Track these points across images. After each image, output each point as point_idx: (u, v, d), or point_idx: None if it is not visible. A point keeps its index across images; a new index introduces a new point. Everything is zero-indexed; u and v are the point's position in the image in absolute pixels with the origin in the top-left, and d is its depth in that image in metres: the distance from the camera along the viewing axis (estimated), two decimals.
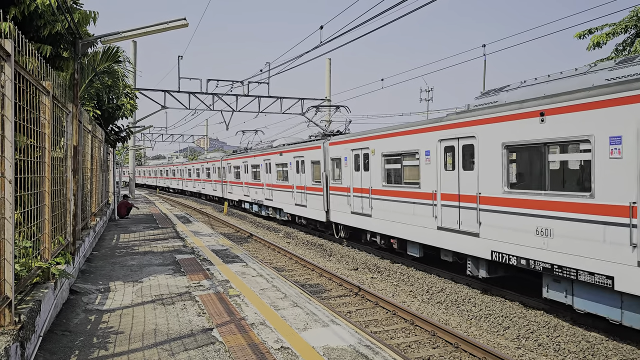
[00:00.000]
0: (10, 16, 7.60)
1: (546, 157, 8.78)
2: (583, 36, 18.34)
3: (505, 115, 9.61)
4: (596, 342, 7.79)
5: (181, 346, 5.26)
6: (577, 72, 9.08)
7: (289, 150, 22.04)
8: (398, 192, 13.53)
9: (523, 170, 9.81)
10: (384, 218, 14.24)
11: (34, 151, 5.40)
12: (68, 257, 7.16)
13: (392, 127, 14.15)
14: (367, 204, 15.19)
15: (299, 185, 20.71)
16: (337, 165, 17.44)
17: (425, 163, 12.17)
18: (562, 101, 8.38)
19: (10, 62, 4.13)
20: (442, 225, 11.59)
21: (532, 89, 9.60)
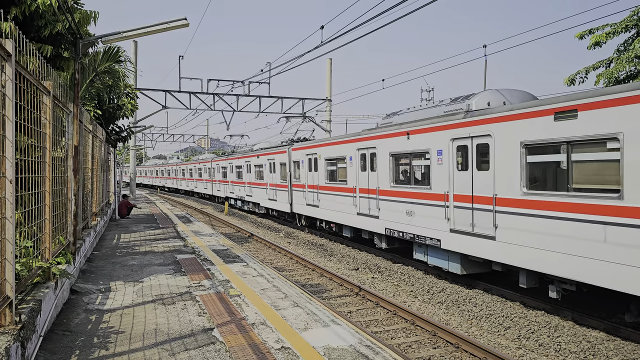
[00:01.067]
0: (11, 16, 7.61)
1: (411, 162, 13.04)
2: (583, 36, 18.32)
3: (391, 133, 13.76)
4: (597, 342, 7.78)
5: (182, 346, 5.26)
6: (433, 105, 12.94)
7: (264, 154, 25.67)
8: (335, 188, 17.43)
9: (399, 170, 13.83)
10: (327, 208, 18.15)
11: (35, 151, 5.41)
12: (69, 256, 7.17)
13: (333, 137, 18.69)
14: (316, 197, 19.15)
15: (272, 183, 24.52)
16: (298, 167, 21.16)
17: (349, 166, 16.27)
18: (417, 126, 12.58)
19: (11, 62, 4.13)
20: (360, 211, 15.58)
21: (410, 115, 13.59)
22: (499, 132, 9.86)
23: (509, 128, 9.60)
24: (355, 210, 15.78)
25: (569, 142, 8.31)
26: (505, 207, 9.69)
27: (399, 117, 14.04)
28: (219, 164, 36.49)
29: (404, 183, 13.36)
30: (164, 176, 62.92)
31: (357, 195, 15.61)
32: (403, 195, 13.18)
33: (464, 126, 10.82)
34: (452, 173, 11.20)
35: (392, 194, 13.68)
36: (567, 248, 8.31)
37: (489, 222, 10.07)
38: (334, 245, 17.72)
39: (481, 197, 10.32)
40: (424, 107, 13.27)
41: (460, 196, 10.99)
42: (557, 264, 8.53)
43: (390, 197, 13.79)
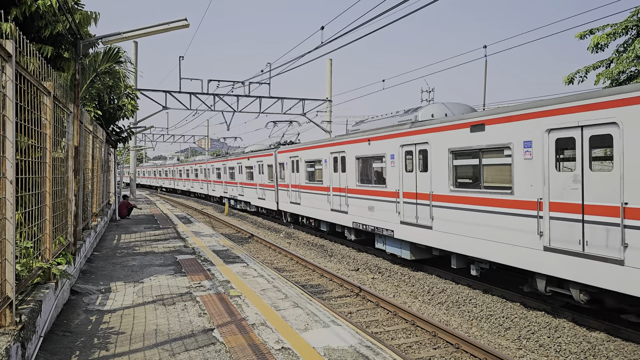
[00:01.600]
0: (12, 17, 7.62)
1: (372, 164, 14.94)
2: (584, 37, 18.32)
3: (357, 139, 15.78)
4: (597, 343, 7.77)
5: (182, 347, 5.26)
6: (391, 115, 14.79)
7: (254, 156, 27.54)
8: (313, 187, 19.40)
9: (363, 171, 15.57)
10: (307, 205, 19.99)
11: (35, 152, 5.41)
12: (69, 257, 7.18)
13: (312, 142, 20.11)
14: (298, 196, 21.03)
15: (261, 184, 26.38)
16: (283, 168, 22.95)
17: (324, 167, 18.28)
18: (376, 134, 14.58)
19: (12, 63, 4.14)
20: (333, 208, 17.64)
21: (373, 124, 15.59)
22: (433, 141, 11.85)
23: (440, 137, 11.57)
24: (329, 206, 18.04)
25: (480, 149, 10.35)
26: (438, 202, 11.70)
27: (365, 125, 16.17)
28: (213, 165, 38.22)
29: (366, 182, 15.41)
30: (162, 177, 64.69)
31: (330, 194, 17.89)
32: (366, 193, 15.39)
33: (410, 135, 12.89)
34: (402, 174, 13.29)
35: (357, 192, 15.88)
36: (482, 234, 10.25)
37: (427, 214, 12.15)
38: (334, 246, 17.72)
39: (422, 194, 12.39)
40: (384, 117, 15.32)
41: (408, 193, 13.08)
42: (476, 247, 10.48)
43: (356, 194, 15.99)
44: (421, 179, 12.37)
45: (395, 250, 14.02)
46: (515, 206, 9.45)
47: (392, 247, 14.16)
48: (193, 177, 46.75)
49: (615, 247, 7.54)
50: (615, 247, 7.54)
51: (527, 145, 9.18)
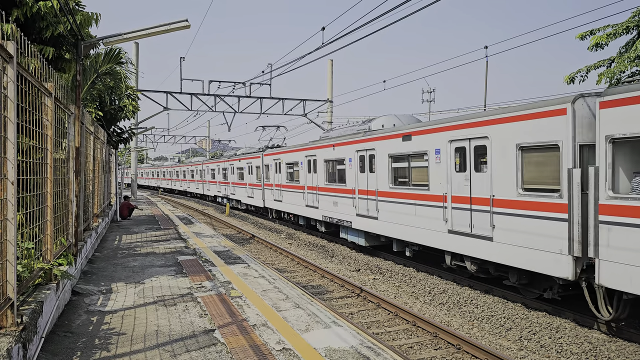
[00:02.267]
0: (13, 18, 7.63)
1: (336, 166, 17.43)
2: (585, 37, 18.30)
3: (325, 145, 18.28)
4: (598, 344, 7.76)
5: (183, 347, 5.26)
6: (352, 125, 17.74)
7: (244, 158, 30.11)
8: (292, 186, 21.88)
9: (329, 172, 18.11)
10: (288, 202, 22.63)
11: (36, 152, 5.42)
12: (70, 258, 7.18)
13: (291, 146, 22.84)
14: (280, 194, 23.59)
15: (250, 183, 28.80)
16: (268, 170, 25.44)
17: (301, 169, 20.88)
18: (338, 140, 17.20)
19: (13, 64, 4.14)
20: (307, 204, 20.20)
21: (338, 131, 18.16)
22: (378, 147, 14.35)
23: (383, 145, 14.11)
24: (304, 203, 20.57)
25: (409, 154, 12.93)
26: (382, 197, 14.29)
27: (333, 133, 18.90)
28: (208, 167, 40.78)
29: (332, 182, 17.88)
30: (160, 177, 67.01)
31: (305, 192, 20.40)
32: (331, 191, 17.86)
33: (362, 142, 15.36)
34: (357, 174, 15.76)
35: (325, 190, 18.39)
36: (411, 222, 12.85)
37: (374, 208, 14.67)
38: (335, 246, 17.72)
39: (371, 191, 14.86)
40: (347, 126, 18.34)
41: (362, 190, 15.53)
42: (408, 233, 13.05)
43: (324, 192, 18.47)
44: (370, 179, 14.94)
45: (354, 238, 16.44)
46: (430, 199, 12.05)
47: (352, 236, 16.60)
48: (189, 177, 49.20)
49: (488, 228, 10.12)
50: (488, 228, 10.12)
51: (437, 152, 11.73)
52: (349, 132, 16.94)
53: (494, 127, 9.93)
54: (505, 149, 9.62)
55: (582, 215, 8.15)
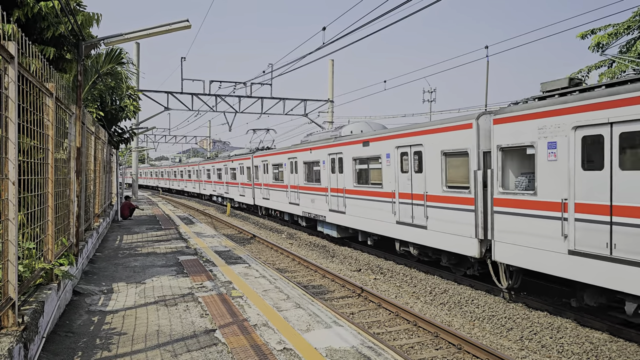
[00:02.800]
0: (14, 18, 7.64)
1: (313, 168, 19.53)
2: (585, 36, 18.28)
3: (303, 148, 20.34)
4: (599, 344, 7.75)
5: (184, 347, 5.26)
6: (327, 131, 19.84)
7: (236, 159, 32.41)
8: (278, 185, 24.08)
9: (308, 173, 20.08)
10: (274, 200, 24.76)
11: (38, 153, 5.42)
12: (71, 258, 7.19)
13: (277, 149, 25.06)
14: (267, 192, 25.78)
15: (241, 183, 31.08)
16: (257, 170, 27.52)
17: (284, 169, 22.91)
18: (314, 145, 19.20)
19: (14, 64, 4.15)
20: (290, 201, 22.34)
21: (315, 137, 20.59)
22: (345, 151, 16.61)
23: (348, 149, 16.37)
24: (288, 200, 22.63)
25: (368, 157, 15.16)
26: (348, 194, 16.52)
27: (312, 137, 21.09)
28: (204, 167, 43.16)
29: (310, 181, 19.95)
30: (158, 177, 69.45)
31: (289, 190, 22.50)
32: (310, 189, 19.87)
33: (332, 147, 17.59)
34: (329, 175, 17.91)
35: (305, 189, 20.49)
36: (371, 216, 15.01)
37: (343, 203, 16.97)
38: (336, 246, 17.72)
39: (340, 188, 17.18)
40: (323, 132, 20.88)
41: (333, 189, 17.71)
42: (369, 225, 15.26)
43: (304, 190, 20.55)
44: (340, 178, 17.15)
45: (328, 231, 18.60)
46: (383, 196, 14.24)
47: (326, 229, 18.76)
48: (187, 177, 51.48)
49: (423, 218, 12.34)
50: (423, 218, 12.34)
51: (388, 156, 13.91)
52: (324, 137, 19.45)
53: (427, 137, 12.15)
54: (434, 154, 11.86)
55: (484, 206, 10.38)
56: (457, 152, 11.14)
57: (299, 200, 21.08)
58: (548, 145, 8.78)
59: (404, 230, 13.21)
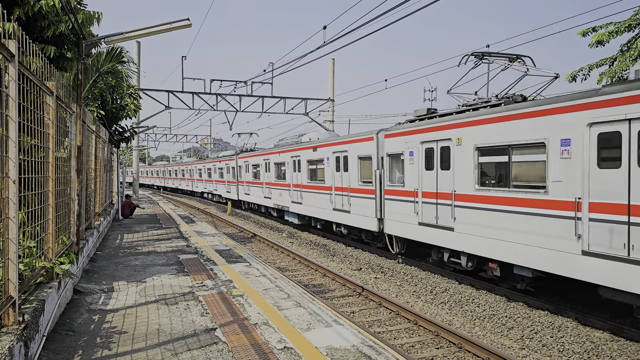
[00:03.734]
0: (15, 17, 7.62)
1: (281, 168, 23.46)
2: (586, 34, 18.24)
3: (275, 151, 24.50)
4: (600, 343, 7.75)
5: (184, 346, 5.26)
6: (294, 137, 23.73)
7: (223, 160, 36.88)
8: (256, 182, 28.26)
9: (278, 172, 24.21)
10: (253, 195, 28.96)
11: (38, 151, 5.42)
12: (72, 257, 7.19)
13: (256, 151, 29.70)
14: (248, 189, 29.96)
15: (228, 180, 35.34)
16: (240, 170, 31.86)
17: (261, 169, 27.04)
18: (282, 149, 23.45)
19: (14, 63, 4.14)
20: (265, 196, 26.39)
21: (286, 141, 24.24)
22: (302, 155, 20.88)
23: (304, 153, 20.60)
24: (263, 195, 26.80)
25: (316, 160, 19.46)
26: (304, 189, 20.67)
27: (282, 142, 24.86)
28: (196, 166, 47.56)
29: (279, 179, 24.11)
30: (154, 176, 74.70)
31: (264, 186, 26.59)
32: (279, 185, 24.01)
33: (293, 151, 21.98)
34: (292, 173, 22.18)
35: (276, 185, 24.61)
36: (319, 204, 19.04)
37: (300, 196, 21.18)
38: (337, 245, 17.72)
39: (298, 184, 21.31)
40: (291, 138, 24.39)
41: (295, 185, 21.75)
42: (317, 212, 19.35)
43: (275, 186, 24.67)
44: (299, 176, 21.35)
45: (291, 219, 22.82)
46: (325, 189, 18.53)
47: (290, 218, 22.97)
48: (180, 176, 55.64)
49: (347, 205, 16.70)
50: (347, 205, 16.70)
51: (328, 159, 18.29)
52: (289, 143, 23.51)
53: (350, 145, 16.63)
54: (354, 158, 16.30)
55: (380, 195, 14.76)
56: (365, 157, 15.65)
57: (271, 195, 25.34)
58: (409, 154, 13.20)
59: (338, 215, 17.51)
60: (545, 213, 8.92)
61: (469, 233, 10.84)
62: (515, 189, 9.65)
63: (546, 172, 8.91)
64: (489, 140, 10.28)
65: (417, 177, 12.80)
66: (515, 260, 9.62)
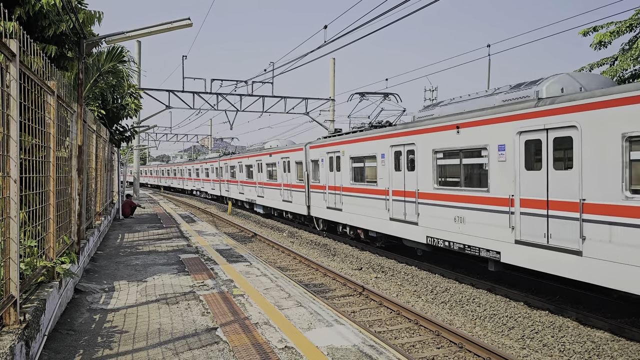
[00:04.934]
0: (16, 16, 7.62)
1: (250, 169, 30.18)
2: (587, 33, 18.20)
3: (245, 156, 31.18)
4: (601, 343, 7.74)
5: (185, 345, 5.27)
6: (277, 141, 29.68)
7: (208, 162, 42.88)
8: (233, 181, 34.12)
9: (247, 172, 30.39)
10: (232, 191, 34.38)
11: (39, 151, 5.42)
12: (73, 256, 7.20)
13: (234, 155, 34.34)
14: (228, 186, 35.73)
15: (213, 179, 40.94)
16: (222, 170, 37.52)
17: (237, 169, 32.90)
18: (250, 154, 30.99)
19: (15, 62, 4.14)
20: (239, 192, 32.06)
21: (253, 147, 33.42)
22: (262, 160, 26.22)
23: (264, 157, 26.08)
24: (238, 191, 32.73)
25: (272, 163, 25.40)
26: (265, 185, 26.33)
27: (252, 147, 30.79)
28: (186, 167, 53.48)
29: (249, 177, 29.51)
30: (149, 175, 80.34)
31: (239, 184, 32.36)
32: (249, 183, 29.69)
33: (258, 156, 27.63)
34: (257, 173, 27.71)
35: (247, 183, 30.31)
36: (273, 197, 25.37)
37: (262, 191, 26.75)
38: (337, 245, 17.72)
39: (261, 182, 27.00)
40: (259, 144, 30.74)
41: (259, 182, 27.30)
42: (273, 203, 25.52)
43: (246, 184, 30.32)
44: (261, 176, 26.99)
45: (258, 210, 28.68)
46: (277, 185, 24.39)
47: (257, 209, 28.80)
48: (172, 175, 61.88)
49: (290, 197, 22.80)
50: (290, 197, 22.80)
51: (278, 163, 23.90)
52: (257, 149, 29.58)
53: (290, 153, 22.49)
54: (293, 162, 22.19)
55: (308, 190, 20.46)
56: (299, 162, 21.33)
57: (244, 191, 31.06)
58: (321, 160, 19.07)
59: (286, 205, 23.29)
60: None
61: (349, 212, 16.89)
62: (364, 183, 16.06)
63: (376, 173, 15.05)
64: (356, 153, 16.45)
65: (326, 177, 18.78)
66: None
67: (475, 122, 10.70)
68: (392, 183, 14.10)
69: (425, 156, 12.42)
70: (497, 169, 10.10)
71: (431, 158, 12.19)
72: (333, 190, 17.86)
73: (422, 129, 12.57)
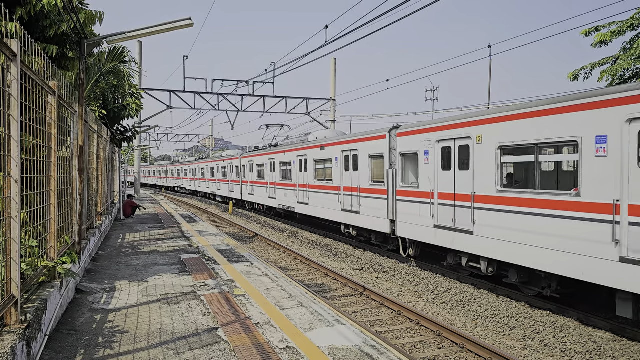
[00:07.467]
0: (17, 16, 7.62)
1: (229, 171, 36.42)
2: (589, 33, 18.18)
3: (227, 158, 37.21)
4: (603, 343, 7.73)
5: (186, 346, 5.26)
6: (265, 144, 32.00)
7: (201, 163, 46.25)
8: (223, 180, 37.53)
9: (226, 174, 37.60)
10: (222, 189, 37.68)
11: (40, 151, 5.42)
12: (74, 256, 7.20)
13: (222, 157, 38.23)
14: (219, 185, 38.91)
15: (208, 179, 43.18)
16: (213, 170, 40.85)
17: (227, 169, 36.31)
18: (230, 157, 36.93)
19: (17, 62, 4.14)
20: (230, 190, 35.81)
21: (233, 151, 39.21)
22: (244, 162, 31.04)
23: (251, 159, 29.51)
24: (216, 187, 38.91)
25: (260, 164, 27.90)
26: (252, 184, 29.35)
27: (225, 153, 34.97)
28: (182, 167, 55.98)
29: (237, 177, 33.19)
30: (149, 175, 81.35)
31: (229, 183, 35.51)
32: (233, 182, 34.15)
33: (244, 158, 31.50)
34: (245, 173, 30.93)
35: (223, 181, 37.02)
36: (261, 194, 27.78)
37: (252, 189, 29.48)
38: (338, 245, 17.71)
39: (245, 181, 30.79)
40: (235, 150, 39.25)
41: (244, 181, 31.06)
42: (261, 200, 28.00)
43: (234, 183, 34.12)
44: (248, 175, 29.84)
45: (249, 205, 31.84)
46: (264, 184, 26.58)
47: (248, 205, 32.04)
48: (170, 175, 64.07)
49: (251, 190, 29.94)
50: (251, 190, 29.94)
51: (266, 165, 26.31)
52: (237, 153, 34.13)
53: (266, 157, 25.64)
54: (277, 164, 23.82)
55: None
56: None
57: (234, 189, 34.02)
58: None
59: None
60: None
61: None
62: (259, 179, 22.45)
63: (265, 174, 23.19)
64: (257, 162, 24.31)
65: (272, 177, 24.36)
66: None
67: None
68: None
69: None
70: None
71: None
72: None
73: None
